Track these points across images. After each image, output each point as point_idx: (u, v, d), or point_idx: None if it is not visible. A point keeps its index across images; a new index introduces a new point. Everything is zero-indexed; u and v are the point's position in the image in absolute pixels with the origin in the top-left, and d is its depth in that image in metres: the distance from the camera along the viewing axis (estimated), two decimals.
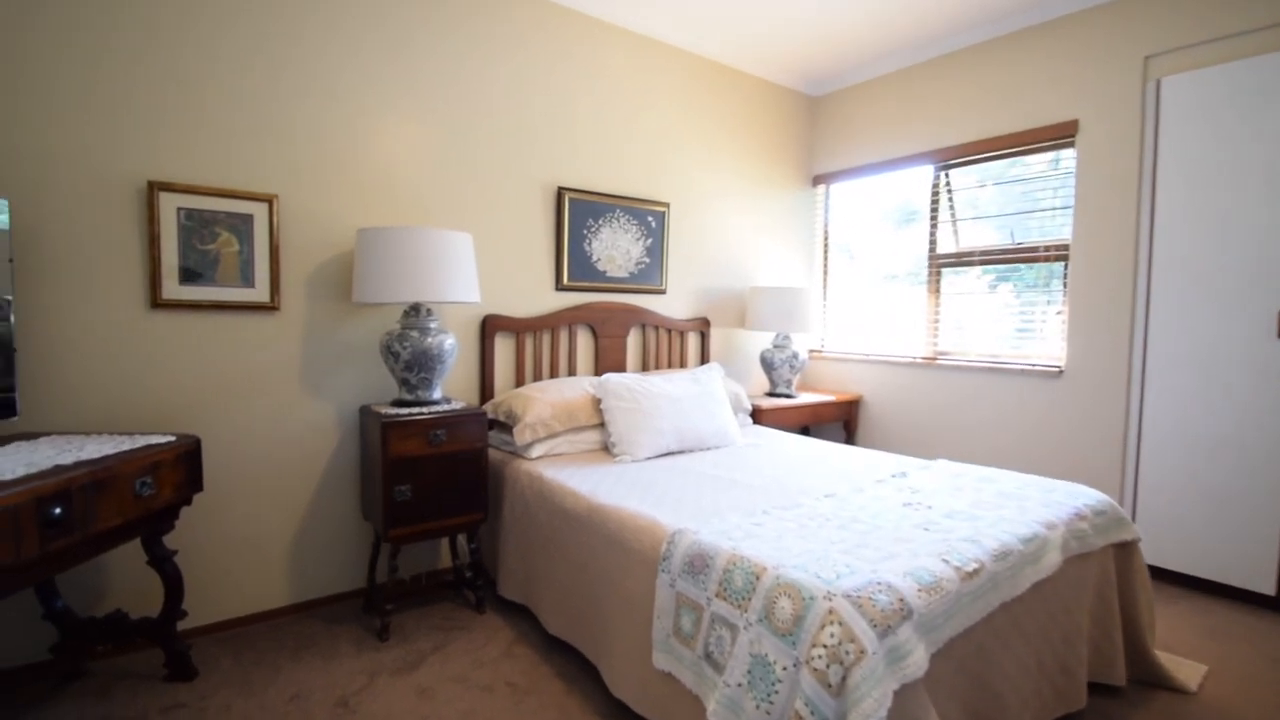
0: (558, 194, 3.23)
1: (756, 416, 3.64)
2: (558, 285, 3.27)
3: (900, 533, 1.76)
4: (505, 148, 3.05)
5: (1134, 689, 2.09)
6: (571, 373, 3.32)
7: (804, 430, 4.19)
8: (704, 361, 3.90)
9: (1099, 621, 2.02)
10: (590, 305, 3.35)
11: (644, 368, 3.60)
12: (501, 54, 3.01)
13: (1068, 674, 1.85)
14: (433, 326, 2.50)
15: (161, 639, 2.10)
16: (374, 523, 2.50)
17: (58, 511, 1.52)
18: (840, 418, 4.10)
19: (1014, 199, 3.50)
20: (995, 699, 1.60)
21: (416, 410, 2.44)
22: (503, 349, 3.11)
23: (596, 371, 3.38)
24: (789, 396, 3.91)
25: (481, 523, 2.58)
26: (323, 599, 2.67)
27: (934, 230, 3.80)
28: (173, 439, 2.00)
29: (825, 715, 1.26)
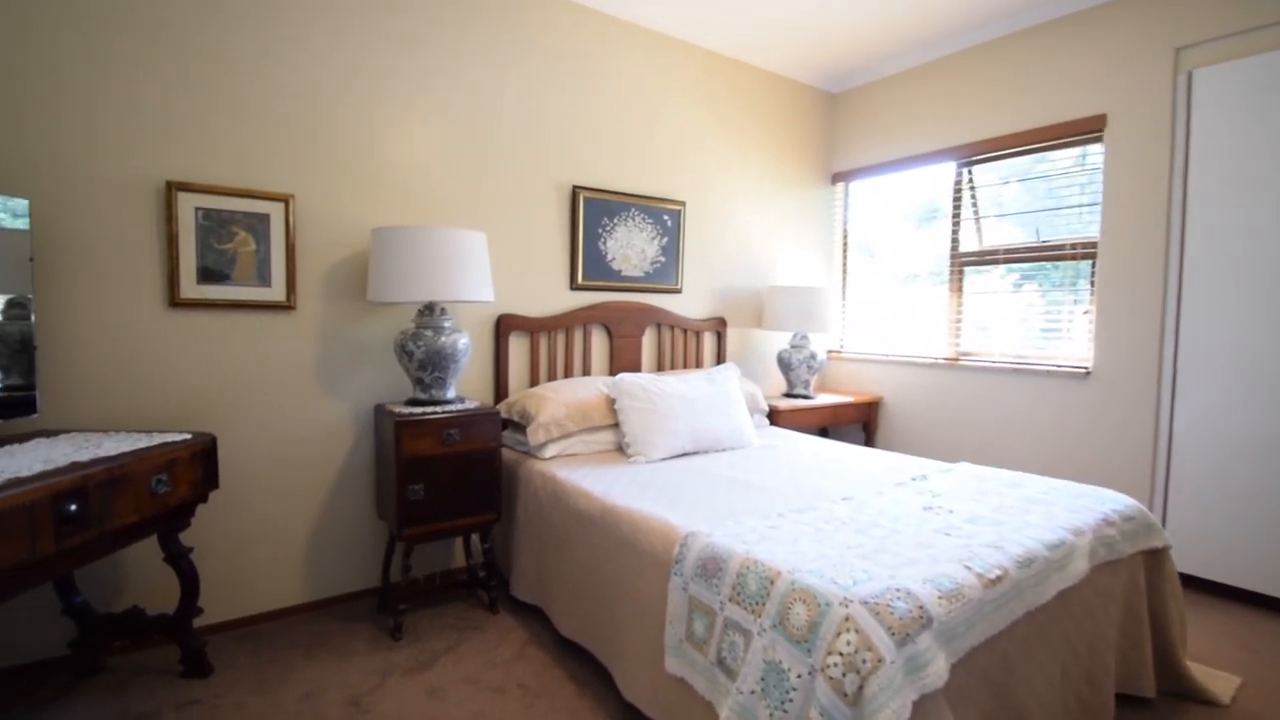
0: (573, 193, 3.21)
1: (773, 418, 3.60)
2: (572, 284, 3.26)
3: (920, 538, 1.71)
4: (520, 146, 3.04)
5: (1164, 701, 2.03)
6: (586, 373, 3.30)
7: (822, 432, 4.13)
8: (720, 362, 3.86)
9: (1127, 631, 1.95)
10: (605, 305, 3.33)
11: (659, 368, 3.57)
12: (516, 52, 3.00)
13: (1094, 686, 1.79)
14: (446, 326, 2.50)
15: (177, 635, 2.12)
16: (388, 522, 2.50)
17: (74, 508, 1.54)
18: (859, 419, 4.03)
19: (1039, 196, 3.42)
20: (1019, 711, 1.55)
21: (430, 409, 2.44)
22: (517, 348, 3.10)
23: (611, 371, 3.36)
24: (807, 397, 3.86)
25: (495, 523, 2.57)
26: (337, 597, 2.68)
27: (956, 228, 3.73)
28: (188, 437, 2.01)
29: None
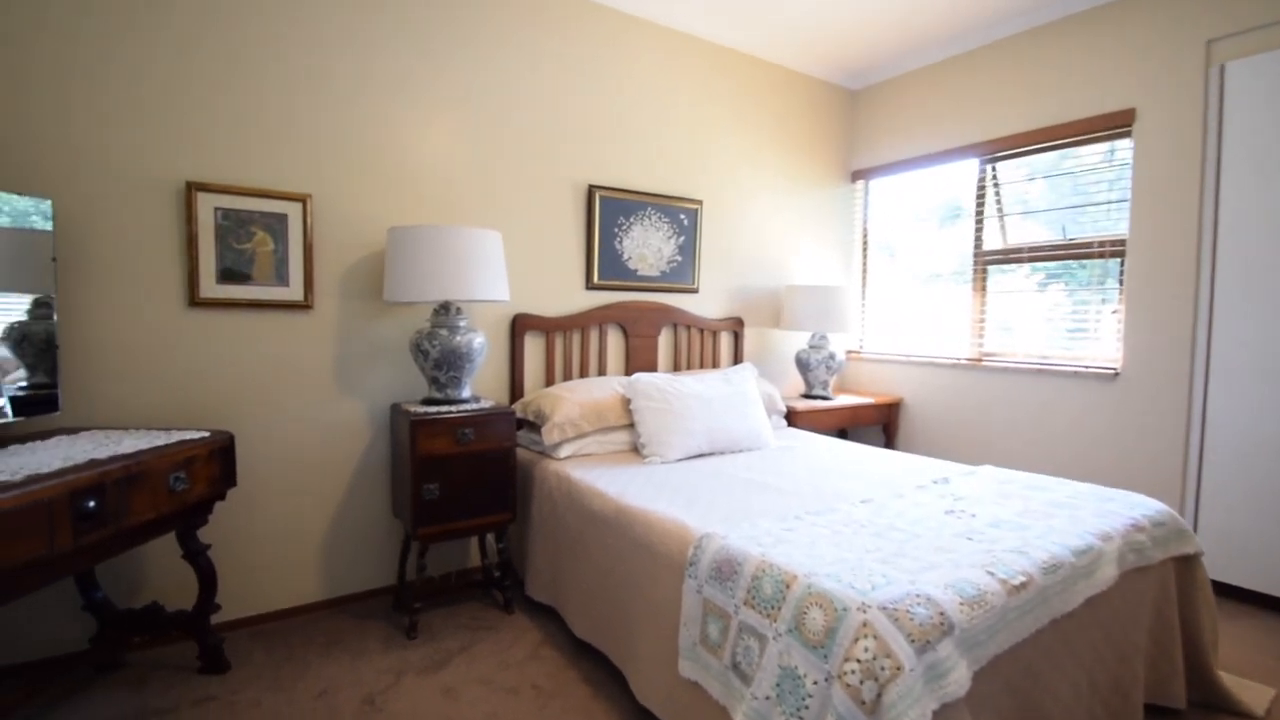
0: (588, 192, 3.20)
1: (791, 418, 3.56)
2: (588, 284, 3.24)
3: (941, 542, 1.67)
4: (535, 145, 3.04)
5: (1194, 712, 1.96)
6: (602, 372, 3.28)
7: (841, 433, 4.07)
8: (737, 362, 3.82)
9: (1157, 640, 1.89)
10: (621, 304, 3.31)
11: (675, 368, 3.54)
12: (532, 51, 2.99)
13: (1123, 695, 1.73)
14: (462, 325, 2.50)
15: (195, 632, 2.13)
16: (403, 521, 2.50)
17: (91, 504, 1.55)
18: (879, 421, 3.98)
19: (1065, 193, 3.34)
20: None
21: (445, 409, 2.43)
22: (532, 348, 3.09)
23: (627, 371, 3.34)
24: (825, 398, 3.81)
25: (509, 523, 2.56)
26: (354, 595, 2.69)
27: (980, 226, 3.66)
28: (207, 435, 2.03)
29: None
